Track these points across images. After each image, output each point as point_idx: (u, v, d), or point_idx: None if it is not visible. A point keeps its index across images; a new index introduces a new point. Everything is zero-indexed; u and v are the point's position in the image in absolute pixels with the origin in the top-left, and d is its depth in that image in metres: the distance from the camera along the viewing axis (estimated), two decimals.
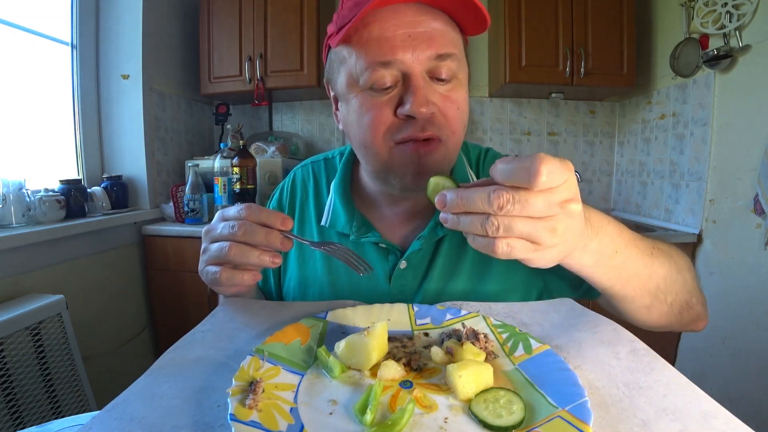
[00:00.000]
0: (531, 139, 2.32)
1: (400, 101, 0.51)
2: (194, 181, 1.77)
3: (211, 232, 0.50)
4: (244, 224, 0.46)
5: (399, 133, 0.52)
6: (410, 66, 0.50)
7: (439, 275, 0.62)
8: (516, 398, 0.34)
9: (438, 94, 0.52)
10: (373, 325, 0.41)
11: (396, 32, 0.49)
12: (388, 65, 0.50)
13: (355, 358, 0.39)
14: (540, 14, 1.89)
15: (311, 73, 1.94)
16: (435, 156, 0.53)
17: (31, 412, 1.13)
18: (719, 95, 1.59)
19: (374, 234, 0.62)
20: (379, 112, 0.52)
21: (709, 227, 1.64)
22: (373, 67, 0.50)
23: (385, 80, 0.50)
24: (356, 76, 0.52)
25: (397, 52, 0.49)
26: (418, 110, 0.49)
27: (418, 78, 0.50)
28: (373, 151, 0.54)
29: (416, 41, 0.49)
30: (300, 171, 0.74)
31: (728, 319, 1.52)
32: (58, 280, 1.40)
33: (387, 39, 0.49)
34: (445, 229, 0.61)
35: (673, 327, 0.59)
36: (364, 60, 0.50)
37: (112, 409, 0.32)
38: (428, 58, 0.50)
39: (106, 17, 1.77)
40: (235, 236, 0.46)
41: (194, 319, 0.49)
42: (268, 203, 0.76)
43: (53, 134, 1.67)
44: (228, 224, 0.47)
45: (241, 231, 0.46)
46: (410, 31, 0.49)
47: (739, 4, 1.45)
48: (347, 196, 0.65)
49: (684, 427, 0.30)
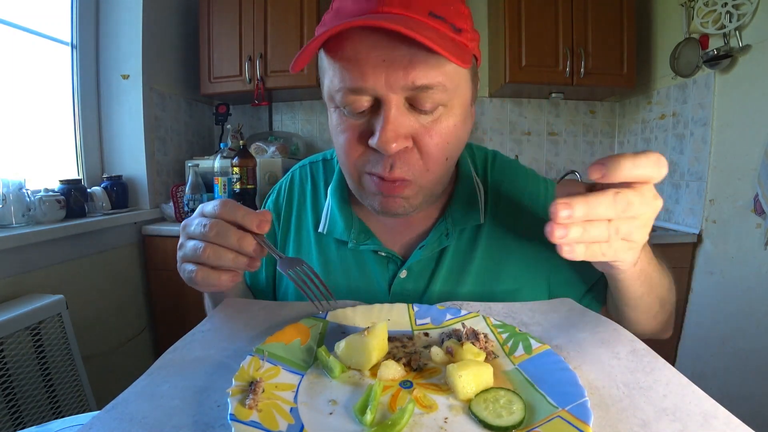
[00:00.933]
0: (531, 139, 2.32)
1: (371, 130, 0.46)
2: (194, 181, 1.78)
3: (187, 228, 0.45)
4: (217, 224, 0.42)
5: (367, 165, 0.49)
6: (383, 94, 0.44)
7: (443, 283, 0.59)
8: (516, 398, 0.34)
9: (418, 125, 0.46)
10: (373, 325, 0.41)
11: (369, 55, 0.43)
12: (359, 92, 0.45)
13: (355, 358, 0.39)
14: (540, 14, 1.89)
15: (311, 73, 1.94)
16: (403, 195, 0.50)
17: (31, 412, 1.13)
18: (719, 95, 1.59)
19: (374, 241, 0.59)
20: (352, 136, 0.48)
21: (709, 227, 1.64)
22: (344, 92, 0.45)
23: (359, 104, 0.46)
24: (331, 93, 0.48)
25: (368, 78, 0.43)
26: (386, 147, 0.44)
27: (391, 108, 0.44)
28: (347, 172, 0.53)
29: (391, 67, 0.43)
30: (298, 172, 0.70)
31: (728, 319, 1.53)
32: (58, 280, 1.40)
33: (358, 62, 0.43)
34: (450, 238, 0.58)
35: (657, 335, 0.59)
36: (336, 81, 0.46)
37: (112, 409, 0.32)
38: (405, 88, 0.44)
39: (106, 17, 1.77)
40: (206, 236, 0.42)
41: (194, 319, 0.49)
42: (264, 201, 0.72)
43: (53, 134, 1.67)
44: (201, 222, 0.43)
45: (213, 232, 0.42)
46: (385, 55, 0.43)
47: (739, 4, 1.45)
48: (345, 201, 0.61)
49: (684, 427, 0.30)
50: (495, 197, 0.62)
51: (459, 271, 0.59)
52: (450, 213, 0.59)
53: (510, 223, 0.61)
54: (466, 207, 0.60)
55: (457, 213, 0.59)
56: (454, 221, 0.59)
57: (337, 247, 0.61)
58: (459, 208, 0.60)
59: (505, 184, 0.64)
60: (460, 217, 0.59)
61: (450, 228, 0.58)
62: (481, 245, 0.60)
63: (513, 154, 2.31)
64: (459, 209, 0.60)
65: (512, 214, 0.62)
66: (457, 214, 0.59)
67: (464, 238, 0.60)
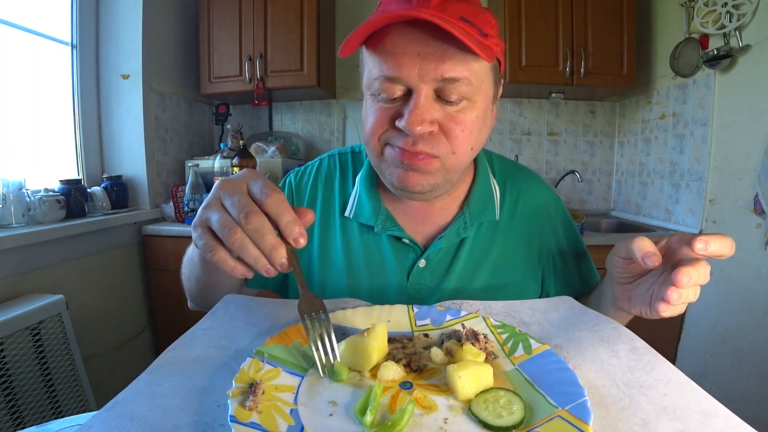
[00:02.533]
0: (531, 139, 2.32)
1: (400, 114, 0.52)
2: (194, 181, 1.77)
3: (226, 196, 0.40)
4: (259, 219, 0.38)
5: (391, 139, 0.54)
6: (415, 84, 0.50)
7: (459, 275, 0.63)
8: (516, 398, 0.34)
9: (443, 113, 0.52)
10: (373, 326, 0.41)
11: (406, 49, 0.49)
12: (395, 80, 0.51)
13: (355, 360, 0.39)
14: (540, 14, 1.89)
15: (311, 73, 1.94)
16: (425, 170, 0.54)
17: (31, 412, 1.13)
18: (719, 95, 1.59)
19: (398, 229, 0.63)
20: (380, 117, 0.54)
21: (709, 227, 1.64)
22: (381, 80, 0.51)
23: (393, 92, 0.51)
24: (369, 81, 0.54)
25: (404, 69, 0.49)
26: (412, 128, 0.50)
27: (420, 97, 0.50)
28: (370, 147, 0.57)
29: (425, 60, 0.49)
30: (327, 160, 0.74)
31: (728, 319, 1.53)
32: (58, 280, 1.40)
33: (396, 55, 0.49)
34: (468, 230, 0.64)
35: None
36: (375, 70, 0.52)
37: (112, 409, 0.32)
38: (435, 80, 0.50)
39: (106, 17, 1.77)
40: (242, 222, 0.38)
41: (194, 319, 0.49)
42: (286, 177, 0.75)
43: (53, 134, 1.67)
44: (243, 203, 0.39)
45: (251, 225, 0.37)
46: (420, 50, 0.49)
47: (739, 4, 1.45)
48: (374, 189, 0.66)
49: (684, 426, 0.30)
50: (514, 200, 0.69)
51: (475, 266, 0.64)
52: (468, 208, 0.65)
53: (525, 228, 0.68)
54: (484, 203, 0.66)
55: (475, 208, 0.65)
56: (471, 215, 0.64)
57: (361, 232, 0.66)
58: (477, 204, 0.65)
59: (525, 191, 0.70)
60: (477, 212, 0.65)
61: (468, 221, 0.64)
62: (497, 242, 0.66)
63: (513, 154, 2.31)
64: (477, 205, 0.65)
65: (527, 220, 0.68)
66: (474, 209, 0.65)
67: (482, 233, 0.66)
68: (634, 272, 0.51)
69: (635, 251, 0.45)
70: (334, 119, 2.33)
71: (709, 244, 0.41)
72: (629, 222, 2.07)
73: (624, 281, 0.52)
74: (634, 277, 0.51)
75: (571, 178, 2.28)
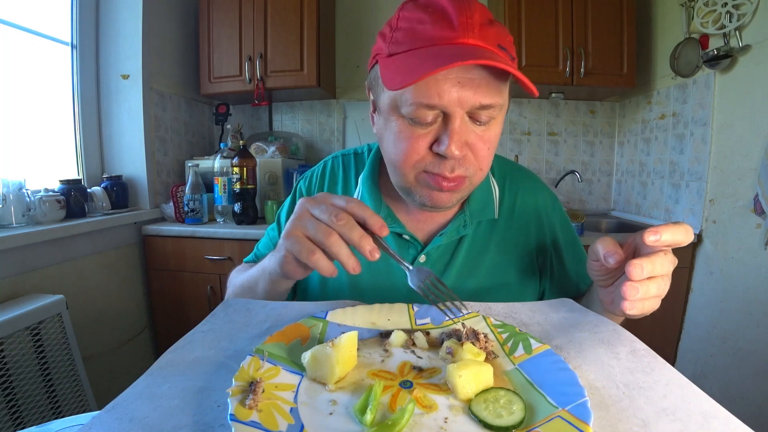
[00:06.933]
0: (531, 139, 2.32)
1: (437, 138, 0.52)
2: (194, 181, 1.77)
3: (312, 208, 0.46)
4: (347, 216, 0.44)
5: (429, 167, 0.54)
6: (453, 110, 0.50)
7: (458, 272, 0.65)
8: (516, 398, 0.34)
9: (474, 134, 0.53)
10: (340, 337, 0.38)
11: (447, 76, 0.49)
12: (432, 107, 0.51)
13: (319, 371, 0.37)
14: (540, 14, 1.89)
15: (311, 73, 1.94)
16: (458, 189, 0.56)
17: (31, 412, 1.13)
18: (719, 95, 1.59)
19: (399, 225, 0.65)
20: (416, 143, 0.54)
21: (709, 227, 1.64)
22: (418, 106, 0.51)
23: (428, 117, 0.52)
24: (399, 104, 0.53)
25: (444, 96, 0.49)
26: (453, 153, 0.51)
27: (456, 121, 0.51)
28: (401, 172, 0.57)
29: (464, 87, 0.49)
30: (331, 162, 0.76)
31: (728, 319, 1.53)
32: (58, 280, 1.40)
33: (437, 82, 0.49)
34: (468, 228, 0.65)
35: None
36: (411, 95, 0.51)
37: (112, 409, 0.32)
38: (472, 106, 0.50)
39: (106, 17, 1.77)
40: (334, 224, 0.44)
41: (194, 319, 0.49)
42: (296, 185, 0.78)
43: (53, 134, 1.67)
44: (330, 209, 0.45)
45: (342, 222, 0.44)
46: (460, 77, 0.49)
47: (739, 4, 1.45)
48: (375, 187, 0.68)
49: (684, 427, 0.30)
50: (512, 200, 0.70)
51: (473, 263, 0.66)
52: (468, 207, 0.66)
53: (522, 227, 0.69)
54: (483, 202, 0.67)
55: (475, 207, 0.66)
56: (471, 214, 0.66)
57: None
58: (477, 203, 0.67)
59: (523, 192, 0.71)
60: (477, 211, 0.66)
61: (468, 220, 0.66)
62: (495, 240, 0.68)
63: (513, 154, 2.31)
64: (477, 204, 0.67)
65: (525, 219, 0.70)
66: (474, 208, 0.66)
67: (480, 232, 0.67)
68: (608, 273, 0.50)
69: (599, 251, 0.46)
70: (334, 119, 2.33)
71: (660, 234, 0.41)
72: (629, 222, 2.07)
73: (603, 284, 0.52)
74: (612, 278, 0.51)
75: (571, 178, 2.28)
